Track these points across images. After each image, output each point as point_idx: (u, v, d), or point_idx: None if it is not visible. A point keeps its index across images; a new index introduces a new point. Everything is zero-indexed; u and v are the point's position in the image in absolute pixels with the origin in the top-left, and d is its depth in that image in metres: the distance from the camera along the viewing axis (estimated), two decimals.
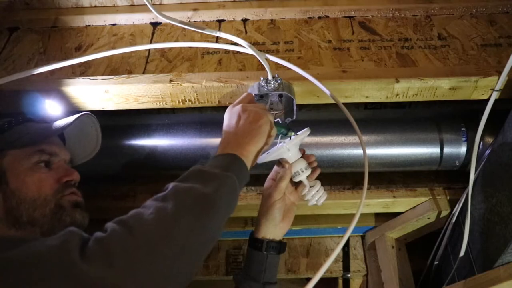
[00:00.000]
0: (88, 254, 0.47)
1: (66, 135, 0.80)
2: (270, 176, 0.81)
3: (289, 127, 0.76)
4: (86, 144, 0.82)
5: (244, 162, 0.64)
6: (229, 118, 0.70)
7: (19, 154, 0.68)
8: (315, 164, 0.80)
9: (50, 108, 0.83)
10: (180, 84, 0.82)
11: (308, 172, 0.78)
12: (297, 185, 0.80)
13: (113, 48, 0.86)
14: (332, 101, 0.79)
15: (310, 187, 0.78)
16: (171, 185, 0.57)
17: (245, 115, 0.68)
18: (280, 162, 0.78)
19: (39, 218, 0.66)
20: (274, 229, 0.77)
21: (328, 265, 0.58)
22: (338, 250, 0.62)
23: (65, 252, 0.46)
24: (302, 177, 0.77)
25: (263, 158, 0.76)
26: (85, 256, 0.46)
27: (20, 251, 0.48)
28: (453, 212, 1.02)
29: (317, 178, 0.80)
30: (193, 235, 0.52)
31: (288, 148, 0.75)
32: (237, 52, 0.88)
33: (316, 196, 0.78)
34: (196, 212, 0.53)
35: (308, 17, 0.99)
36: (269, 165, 0.79)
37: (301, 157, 0.78)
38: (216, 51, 0.92)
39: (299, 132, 0.79)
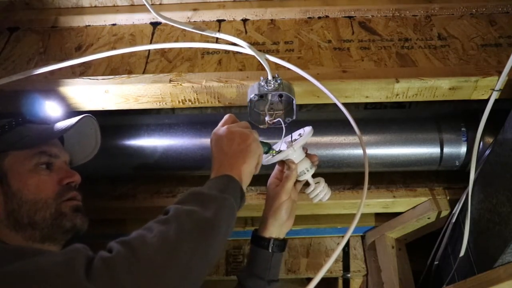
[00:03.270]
0: (93, 273, 0.47)
1: (65, 136, 0.80)
2: (273, 175, 0.82)
3: (270, 145, 0.77)
4: (85, 145, 0.82)
5: (239, 182, 0.65)
6: (216, 142, 0.70)
7: (20, 156, 0.68)
8: (317, 163, 0.81)
9: (50, 109, 0.82)
10: (180, 84, 0.82)
11: (313, 171, 0.78)
12: (296, 182, 0.81)
13: (113, 48, 0.86)
14: (332, 101, 0.79)
15: (316, 183, 0.79)
16: (172, 207, 0.57)
17: (232, 136, 0.68)
18: (283, 162, 0.78)
19: (40, 222, 0.66)
20: (280, 228, 0.78)
21: (328, 267, 0.58)
22: (338, 251, 0.62)
23: (71, 270, 0.46)
24: (308, 176, 0.78)
25: (270, 160, 0.76)
26: (90, 276, 0.46)
27: (23, 265, 0.47)
28: (453, 212, 1.02)
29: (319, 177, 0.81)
30: (195, 258, 0.53)
31: (295, 149, 0.75)
32: (237, 52, 0.88)
33: (321, 194, 0.79)
34: (198, 236, 0.54)
35: (308, 17, 0.99)
36: (269, 165, 0.79)
37: (305, 156, 0.78)
38: (216, 51, 0.91)
39: (302, 131, 0.79)
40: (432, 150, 0.97)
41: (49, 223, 0.67)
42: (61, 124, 0.74)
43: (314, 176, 0.80)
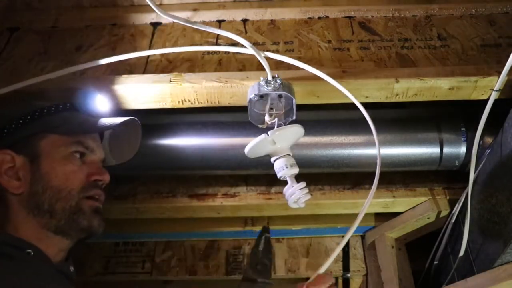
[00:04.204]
0: None
1: (105, 134, 0.79)
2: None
3: None
4: (122, 147, 0.81)
5: None
6: None
7: (57, 140, 0.68)
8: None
9: (100, 103, 0.81)
10: (180, 84, 0.82)
11: (294, 170, 0.74)
12: None
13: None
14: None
15: (294, 182, 0.74)
16: None
17: None
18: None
19: (59, 211, 0.66)
20: None
21: (327, 266, 0.57)
22: (337, 251, 0.61)
23: None
24: (286, 172, 0.73)
25: (248, 148, 0.73)
26: None
27: None
28: (453, 212, 1.02)
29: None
30: None
31: (274, 141, 0.70)
32: (237, 52, 0.88)
33: (297, 195, 0.73)
34: None
35: (308, 17, 1.00)
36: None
37: (291, 156, 0.75)
38: (216, 52, 0.92)
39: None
40: (432, 150, 0.97)
41: (67, 215, 0.67)
42: (105, 121, 0.73)
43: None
